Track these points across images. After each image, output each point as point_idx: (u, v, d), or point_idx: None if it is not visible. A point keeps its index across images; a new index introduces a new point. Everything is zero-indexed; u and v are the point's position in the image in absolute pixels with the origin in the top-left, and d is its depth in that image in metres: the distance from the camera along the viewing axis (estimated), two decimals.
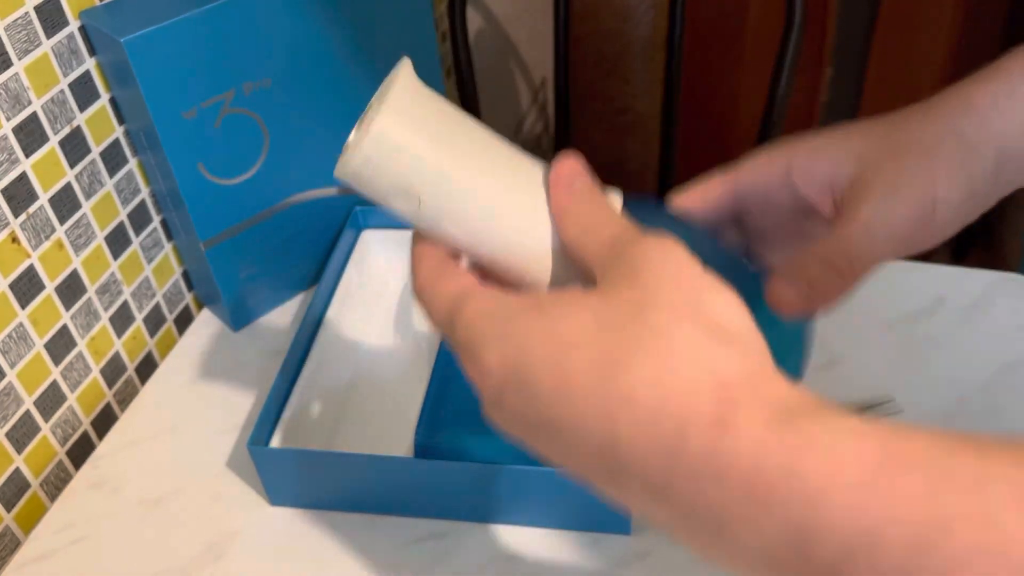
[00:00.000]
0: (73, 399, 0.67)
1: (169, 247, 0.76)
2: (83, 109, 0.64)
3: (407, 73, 0.34)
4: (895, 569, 0.22)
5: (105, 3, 0.64)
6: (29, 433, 0.63)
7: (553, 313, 0.30)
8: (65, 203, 0.64)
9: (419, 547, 0.57)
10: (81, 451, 0.68)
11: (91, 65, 0.65)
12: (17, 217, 0.60)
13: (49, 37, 0.61)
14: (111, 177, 0.68)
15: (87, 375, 0.68)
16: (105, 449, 0.66)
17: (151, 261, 0.74)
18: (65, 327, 0.65)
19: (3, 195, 0.59)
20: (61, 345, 0.65)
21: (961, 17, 1.48)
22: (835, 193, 0.40)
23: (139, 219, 0.72)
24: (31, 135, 0.60)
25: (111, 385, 0.71)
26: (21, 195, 0.60)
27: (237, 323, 0.75)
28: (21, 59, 0.59)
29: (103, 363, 0.70)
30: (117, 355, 0.71)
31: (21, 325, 0.61)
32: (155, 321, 0.75)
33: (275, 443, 0.60)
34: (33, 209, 0.61)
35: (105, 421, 0.70)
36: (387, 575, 0.56)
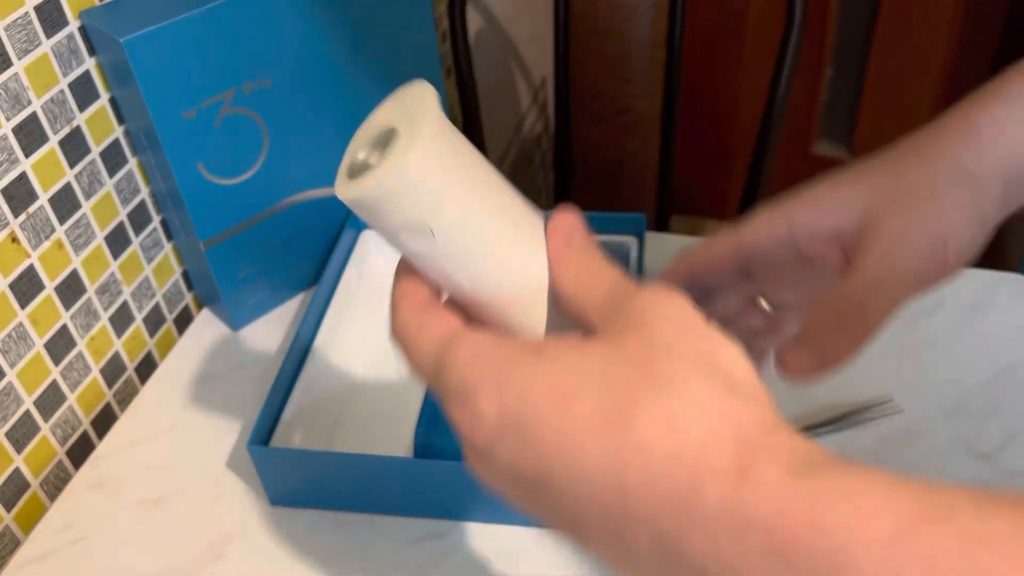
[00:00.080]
0: (73, 399, 0.67)
1: (169, 247, 0.76)
2: (83, 109, 0.64)
3: (435, 104, 0.32)
4: None
5: (105, 3, 0.64)
6: (29, 433, 0.63)
7: (557, 358, 0.28)
8: (65, 203, 0.64)
9: (418, 547, 0.57)
10: (81, 451, 0.68)
11: (91, 65, 0.65)
12: (17, 217, 0.60)
13: (49, 37, 0.61)
14: (111, 177, 0.68)
15: (87, 375, 0.68)
16: (105, 449, 0.66)
17: (151, 261, 0.74)
18: (65, 327, 0.65)
19: (3, 195, 0.59)
20: (61, 345, 0.65)
21: (961, 17, 1.49)
22: (844, 244, 0.39)
23: (139, 219, 0.72)
24: (31, 135, 0.60)
25: (111, 385, 0.71)
26: (21, 195, 0.60)
27: (237, 323, 0.75)
28: (21, 59, 0.59)
29: (103, 363, 0.70)
30: (117, 355, 0.71)
31: (21, 325, 0.61)
32: (155, 321, 0.75)
33: (275, 443, 0.60)
34: (33, 209, 0.61)
35: (105, 421, 0.70)
36: (387, 575, 0.56)
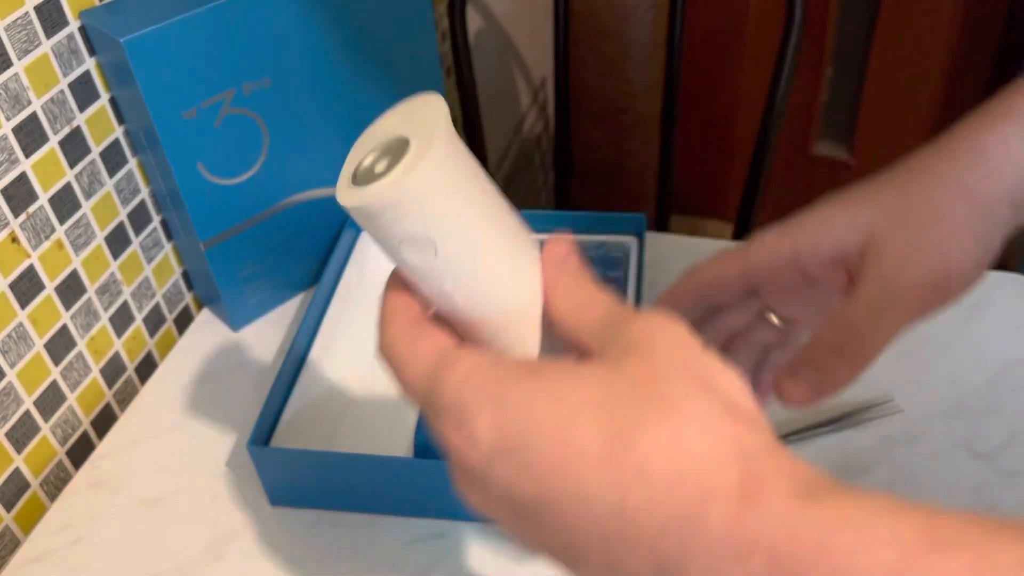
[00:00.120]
0: (73, 399, 0.67)
1: (169, 247, 0.76)
2: (83, 109, 0.64)
3: (448, 117, 0.32)
4: None
5: (105, 3, 0.64)
6: (29, 433, 0.63)
7: (557, 379, 0.28)
8: (65, 203, 0.64)
9: (418, 547, 0.57)
10: (81, 451, 0.68)
11: (91, 65, 0.65)
12: (17, 217, 0.60)
13: (49, 37, 0.61)
14: (111, 177, 0.68)
15: (87, 375, 0.68)
16: (105, 449, 0.66)
17: (151, 261, 0.74)
18: (65, 327, 0.65)
19: (3, 195, 0.59)
20: (61, 345, 0.65)
21: (961, 17, 1.48)
22: (848, 266, 0.39)
23: (139, 219, 0.72)
24: (31, 135, 0.60)
25: (111, 385, 0.71)
26: (21, 195, 0.60)
27: (237, 323, 0.75)
28: (21, 59, 0.59)
29: (103, 363, 0.70)
30: (117, 355, 0.71)
31: (21, 325, 0.61)
32: (155, 321, 0.75)
33: (275, 443, 0.60)
34: (33, 209, 0.61)
35: (105, 421, 0.70)
36: (387, 575, 0.56)
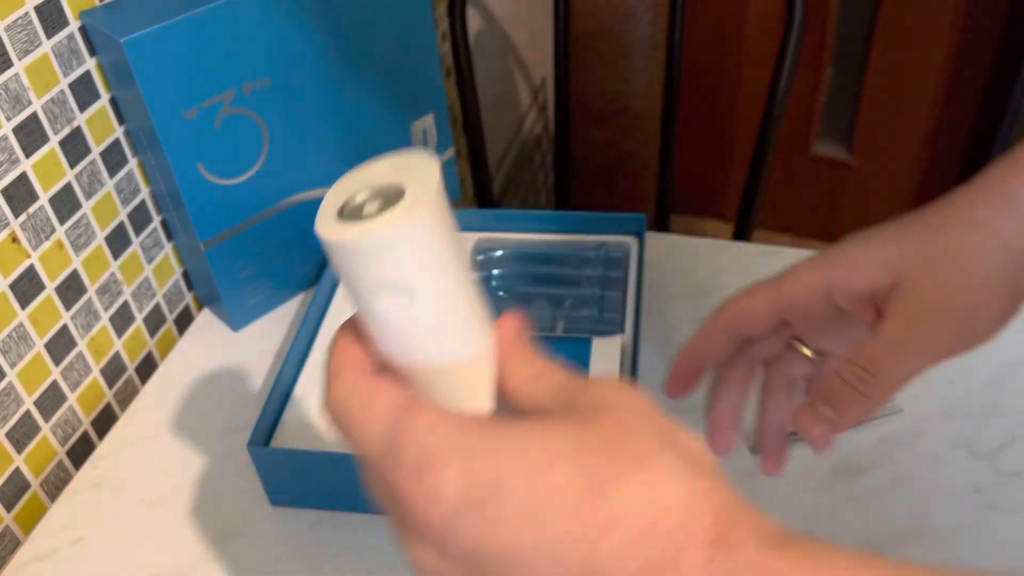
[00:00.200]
0: (73, 399, 0.67)
1: (169, 247, 0.76)
2: (83, 109, 0.64)
3: (440, 175, 0.31)
4: None
5: (105, 3, 0.64)
6: (29, 433, 0.63)
7: (525, 432, 0.27)
8: (65, 203, 0.64)
9: None
10: (81, 451, 0.68)
11: (91, 65, 0.65)
12: (17, 217, 0.60)
13: (49, 37, 0.61)
14: (111, 177, 0.68)
15: (87, 375, 0.68)
16: (105, 449, 0.66)
17: (151, 261, 0.74)
18: (65, 327, 0.65)
19: (3, 195, 0.59)
20: (61, 345, 0.65)
21: (961, 17, 1.48)
22: (878, 304, 0.39)
23: (139, 219, 0.72)
24: (31, 135, 0.60)
25: (111, 385, 0.71)
26: (21, 195, 0.60)
27: (237, 323, 0.75)
28: (21, 59, 0.59)
29: (103, 363, 0.70)
30: (117, 355, 0.71)
31: (21, 325, 0.61)
32: (155, 321, 0.75)
33: (275, 443, 0.60)
34: (33, 209, 0.61)
35: (105, 421, 0.70)
36: (387, 575, 0.56)
